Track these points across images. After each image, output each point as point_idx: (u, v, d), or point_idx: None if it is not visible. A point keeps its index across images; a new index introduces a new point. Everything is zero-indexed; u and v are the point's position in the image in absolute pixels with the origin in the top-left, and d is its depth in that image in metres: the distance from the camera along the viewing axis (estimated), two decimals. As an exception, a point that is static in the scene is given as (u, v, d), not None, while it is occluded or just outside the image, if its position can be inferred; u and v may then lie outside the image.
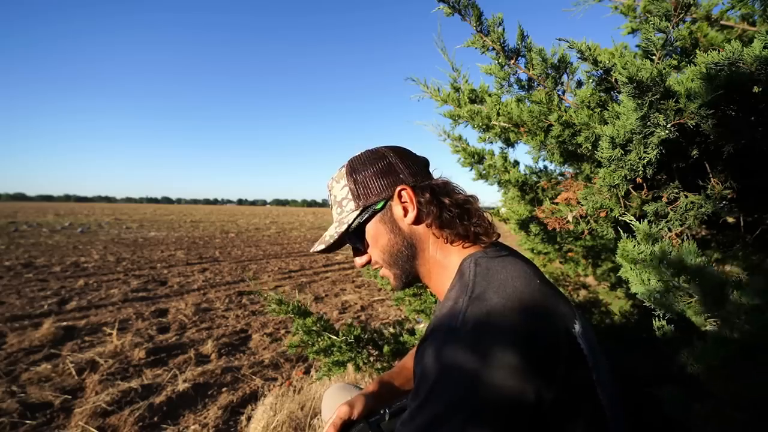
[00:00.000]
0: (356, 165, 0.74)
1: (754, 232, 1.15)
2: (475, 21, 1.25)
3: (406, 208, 0.71)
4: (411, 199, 0.70)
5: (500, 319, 0.54)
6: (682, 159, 0.96)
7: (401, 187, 0.71)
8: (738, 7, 1.46)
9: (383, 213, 0.72)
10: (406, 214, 0.71)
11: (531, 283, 0.61)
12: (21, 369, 2.58)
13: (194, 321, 3.76)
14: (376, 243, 0.73)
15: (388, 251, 0.73)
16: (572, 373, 0.55)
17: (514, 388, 0.49)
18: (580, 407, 0.56)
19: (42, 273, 5.69)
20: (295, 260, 8.00)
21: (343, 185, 0.74)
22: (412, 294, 2.04)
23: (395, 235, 0.72)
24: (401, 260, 0.72)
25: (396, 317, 3.99)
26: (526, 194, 1.89)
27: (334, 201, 0.76)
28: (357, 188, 0.72)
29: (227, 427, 2.04)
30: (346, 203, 0.74)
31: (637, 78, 0.76)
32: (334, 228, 0.75)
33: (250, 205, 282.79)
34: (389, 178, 0.72)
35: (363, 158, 0.74)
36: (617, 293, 2.28)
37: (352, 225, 0.72)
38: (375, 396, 0.94)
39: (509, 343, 0.51)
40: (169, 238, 11.46)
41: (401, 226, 0.72)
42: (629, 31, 1.81)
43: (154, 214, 30.01)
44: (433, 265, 0.73)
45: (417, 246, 0.72)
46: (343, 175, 0.75)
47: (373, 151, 0.75)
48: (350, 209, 0.73)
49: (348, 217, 0.73)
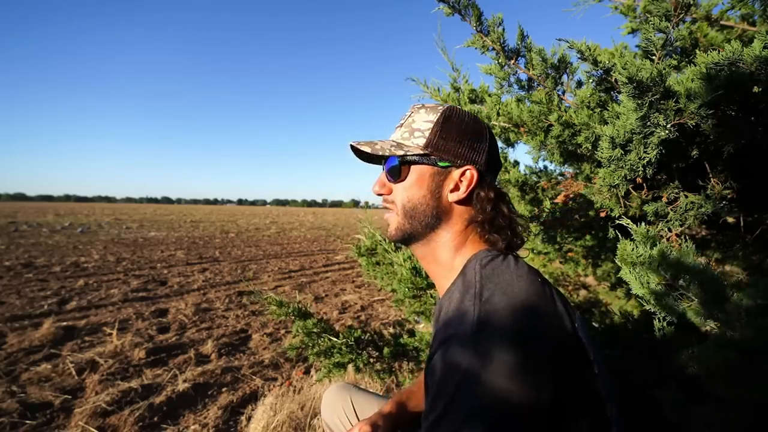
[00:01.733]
0: (454, 117, 0.71)
1: (754, 232, 1.15)
2: (475, 21, 1.25)
3: (459, 186, 0.70)
4: (470, 183, 0.70)
5: (511, 322, 0.54)
6: (682, 159, 0.96)
7: (470, 167, 0.70)
8: (738, 7, 1.46)
9: (439, 171, 0.70)
10: (454, 191, 0.70)
11: (534, 282, 0.61)
12: (21, 369, 2.58)
13: (194, 321, 3.76)
14: (410, 188, 0.71)
15: (413, 203, 0.71)
16: (579, 374, 0.55)
17: (532, 393, 0.50)
18: (586, 408, 0.56)
19: (42, 273, 5.69)
20: (295, 260, 8.00)
21: (428, 120, 0.71)
22: (413, 296, 2.04)
23: (432, 198, 0.70)
24: (417, 220, 0.71)
25: (396, 317, 3.99)
26: (526, 194, 1.88)
27: (409, 124, 0.74)
28: (438, 134, 0.70)
29: (227, 427, 2.04)
30: (418, 135, 0.71)
31: (637, 78, 0.76)
32: (390, 145, 0.73)
33: (250, 205, 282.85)
34: (469, 153, 0.71)
35: (464, 117, 0.72)
36: (617, 293, 2.28)
37: (408, 156, 0.70)
38: (393, 418, 0.94)
39: (528, 349, 0.52)
40: (169, 238, 11.46)
41: (442, 195, 0.70)
42: (629, 31, 1.81)
43: (154, 214, 30.00)
44: (441, 249, 0.71)
45: (441, 221, 0.71)
46: (437, 112, 0.72)
47: (477, 119, 0.74)
48: (417, 144, 0.71)
49: (410, 148, 0.71)
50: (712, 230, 1.38)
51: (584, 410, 0.56)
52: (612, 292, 2.33)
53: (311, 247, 10.61)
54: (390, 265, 2.12)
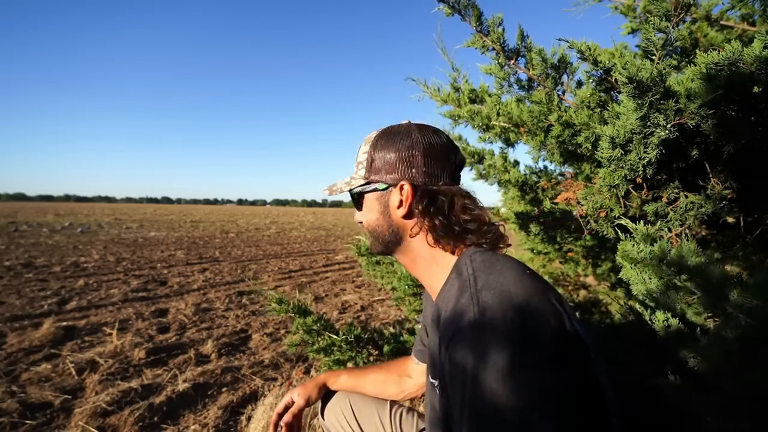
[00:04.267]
0: (382, 141, 0.76)
1: (754, 232, 1.15)
2: (475, 21, 1.25)
3: (402, 202, 0.74)
4: (407, 197, 0.73)
5: (509, 319, 0.54)
6: (682, 159, 0.96)
7: (403, 182, 0.73)
8: (738, 7, 1.46)
9: (382, 194, 0.76)
10: (399, 207, 0.74)
11: (526, 274, 0.62)
12: (21, 369, 2.58)
13: (194, 321, 3.76)
14: (366, 214, 0.79)
15: (372, 226, 0.78)
16: (578, 365, 0.55)
17: (542, 387, 0.50)
18: (584, 399, 0.55)
19: (42, 273, 5.69)
20: (295, 260, 8.00)
21: (365, 151, 0.78)
22: (412, 294, 2.04)
23: (384, 218, 0.76)
24: (380, 240, 0.78)
25: (396, 317, 3.99)
26: (526, 194, 1.89)
27: (356, 159, 0.81)
28: (372, 161, 0.76)
29: (227, 427, 2.04)
30: (359, 168, 0.78)
31: (637, 78, 0.76)
32: (343, 181, 0.82)
33: (250, 205, 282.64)
34: (402, 168, 0.73)
35: (392, 137, 0.76)
36: (617, 293, 2.28)
37: (353, 189, 0.79)
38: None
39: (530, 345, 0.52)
40: (169, 238, 11.46)
41: (391, 213, 0.75)
42: (629, 31, 1.81)
43: (154, 214, 29.99)
44: (418, 257, 0.76)
45: (402, 236, 0.76)
46: (370, 141, 0.78)
47: (404, 133, 0.75)
48: (360, 175, 0.78)
49: (355, 180, 0.78)
50: (712, 230, 1.38)
51: (583, 402, 0.55)
52: (612, 292, 2.33)
53: (311, 247, 10.61)
54: (390, 263, 2.12)
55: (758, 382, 0.66)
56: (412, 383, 1.09)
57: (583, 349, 0.57)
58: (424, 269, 0.76)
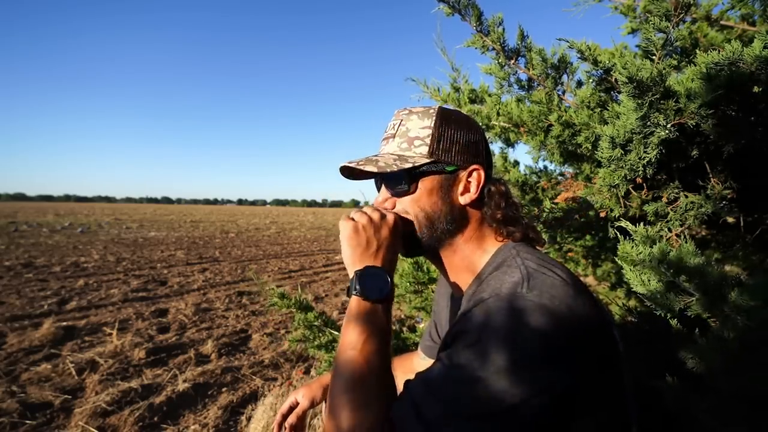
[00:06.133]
0: (450, 118, 0.70)
1: (754, 232, 1.15)
2: (475, 21, 1.25)
3: (469, 187, 0.69)
4: (479, 182, 0.68)
5: (566, 298, 0.52)
6: (682, 159, 0.96)
7: (476, 167, 0.69)
8: (738, 7, 1.46)
9: (447, 177, 0.68)
10: (465, 193, 0.69)
11: (570, 275, 0.60)
12: (21, 369, 2.58)
13: (194, 321, 3.76)
14: (421, 199, 0.69)
15: (429, 213, 0.68)
16: (615, 364, 0.54)
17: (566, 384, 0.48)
18: (609, 401, 0.54)
19: (42, 273, 5.69)
20: (295, 260, 8.00)
21: (425, 125, 0.69)
22: (413, 291, 2.04)
23: (444, 204, 0.68)
24: (433, 230, 0.69)
25: (396, 317, 3.99)
26: (526, 194, 1.88)
27: (404, 133, 0.70)
28: (440, 138, 0.68)
29: (227, 427, 2.04)
30: (418, 143, 0.68)
31: (637, 78, 0.76)
32: (393, 159, 0.68)
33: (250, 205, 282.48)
34: (472, 152, 0.70)
35: (459, 117, 0.71)
36: (617, 293, 2.28)
37: (417, 168, 0.67)
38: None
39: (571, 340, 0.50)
40: (169, 238, 11.46)
41: (453, 200, 0.69)
42: (629, 31, 1.81)
43: (154, 214, 30.00)
44: (460, 249, 0.70)
45: (458, 225, 0.69)
46: (430, 116, 0.69)
47: (467, 116, 0.73)
48: (421, 153, 0.68)
49: (415, 158, 0.67)
50: (712, 230, 1.38)
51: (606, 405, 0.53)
52: (612, 292, 2.33)
53: (311, 247, 10.61)
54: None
55: (756, 384, 0.66)
56: None
57: (617, 355, 0.55)
58: (457, 262, 0.70)
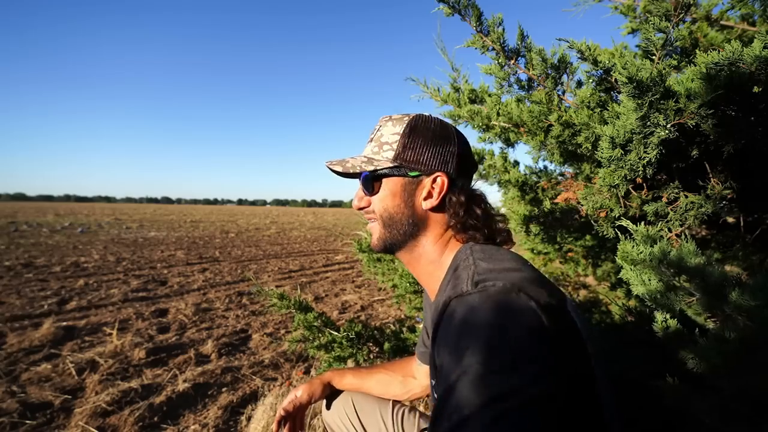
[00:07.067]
0: (419, 127, 0.73)
1: (754, 232, 1.15)
2: (475, 21, 1.25)
3: (431, 193, 0.72)
4: (441, 189, 0.71)
5: (508, 308, 0.52)
6: (682, 159, 0.96)
7: (439, 174, 0.71)
8: (738, 7, 1.46)
9: (410, 181, 0.73)
10: (428, 198, 0.72)
11: (525, 266, 0.62)
12: (21, 369, 2.58)
13: (194, 321, 3.76)
14: (385, 199, 0.74)
15: (390, 213, 0.73)
16: (575, 359, 0.53)
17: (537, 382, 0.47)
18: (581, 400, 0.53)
19: (42, 273, 5.69)
20: (295, 260, 8.00)
21: (395, 132, 0.73)
22: (413, 291, 2.04)
23: (406, 207, 0.73)
24: (396, 229, 0.74)
25: (396, 317, 3.99)
26: (526, 194, 1.88)
27: (377, 138, 0.76)
28: (406, 146, 0.72)
29: (227, 427, 2.04)
30: (386, 149, 0.73)
31: (637, 78, 0.76)
32: (360, 161, 0.75)
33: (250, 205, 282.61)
34: (438, 159, 0.72)
35: (429, 125, 0.74)
36: (617, 293, 2.28)
37: (378, 171, 0.73)
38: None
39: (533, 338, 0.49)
40: (169, 238, 11.46)
41: (415, 203, 0.73)
42: (629, 31, 1.81)
43: (154, 214, 29.99)
44: (425, 253, 0.74)
45: (419, 228, 0.73)
46: (403, 123, 0.74)
47: (444, 125, 0.75)
48: (387, 157, 0.73)
49: (380, 162, 0.73)
50: (712, 230, 1.38)
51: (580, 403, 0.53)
52: (612, 292, 2.33)
53: (311, 247, 10.61)
54: (391, 261, 2.12)
55: (757, 384, 0.66)
56: (416, 384, 1.09)
57: (579, 343, 0.54)
58: (425, 266, 0.75)
